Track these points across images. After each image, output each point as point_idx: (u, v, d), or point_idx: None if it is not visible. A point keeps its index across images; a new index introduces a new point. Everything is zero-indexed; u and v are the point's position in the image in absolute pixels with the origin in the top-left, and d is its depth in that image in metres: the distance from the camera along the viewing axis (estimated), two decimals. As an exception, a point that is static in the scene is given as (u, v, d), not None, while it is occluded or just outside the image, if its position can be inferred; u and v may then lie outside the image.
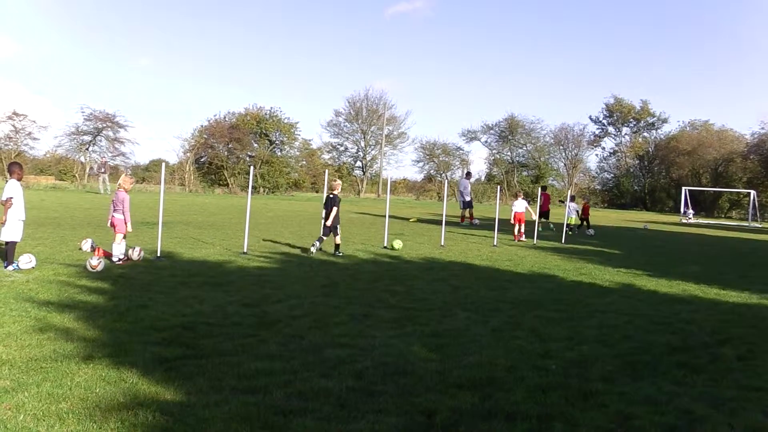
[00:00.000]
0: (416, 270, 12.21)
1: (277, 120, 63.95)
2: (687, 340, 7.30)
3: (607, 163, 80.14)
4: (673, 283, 11.77)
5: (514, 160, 76.12)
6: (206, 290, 8.96)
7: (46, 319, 6.77)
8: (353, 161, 72.91)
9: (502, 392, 5.10)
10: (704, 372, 5.98)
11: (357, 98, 71.06)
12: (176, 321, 6.99)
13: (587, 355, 6.42)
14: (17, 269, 9.71)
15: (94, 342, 5.98)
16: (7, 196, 9.94)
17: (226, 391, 4.82)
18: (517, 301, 9.27)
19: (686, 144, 70.03)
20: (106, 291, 8.53)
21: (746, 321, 8.62)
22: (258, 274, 10.72)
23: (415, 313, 8.09)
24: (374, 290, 9.64)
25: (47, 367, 5.15)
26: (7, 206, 9.95)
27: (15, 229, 10.03)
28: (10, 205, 9.94)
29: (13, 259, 9.83)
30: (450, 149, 75.37)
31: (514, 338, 7.00)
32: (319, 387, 5.00)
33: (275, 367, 5.50)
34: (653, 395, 5.21)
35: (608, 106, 77.70)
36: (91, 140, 55.44)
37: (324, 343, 6.38)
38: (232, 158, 60.53)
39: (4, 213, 10.01)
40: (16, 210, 10.04)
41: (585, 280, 11.82)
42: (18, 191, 10.11)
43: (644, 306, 9.42)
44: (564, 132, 76.63)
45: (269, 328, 6.93)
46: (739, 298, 10.52)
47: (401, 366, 5.69)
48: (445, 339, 6.83)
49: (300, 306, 8.17)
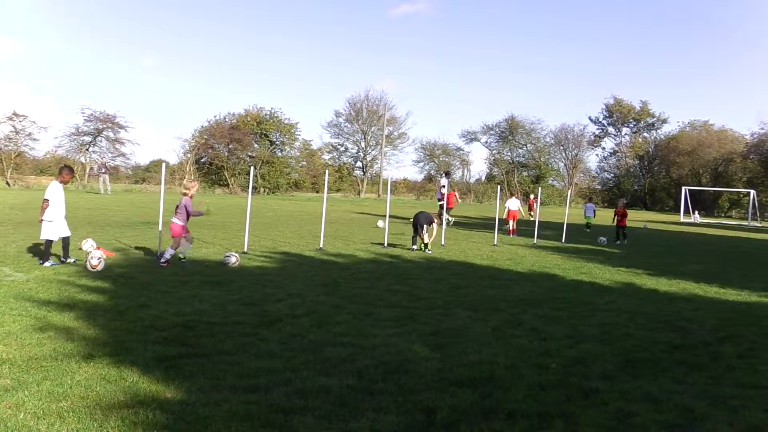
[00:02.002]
0: (417, 269, 12.21)
1: (277, 120, 63.93)
2: (687, 338, 7.30)
3: (608, 163, 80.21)
4: (674, 282, 11.77)
5: (515, 160, 76.12)
6: (206, 289, 8.96)
7: (46, 318, 6.77)
8: (353, 161, 72.90)
9: (502, 390, 5.10)
10: (705, 370, 5.97)
11: (357, 99, 71.05)
12: (176, 320, 6.99)
13: (588, 353, 6.42)
14: (54, 265, 10.24)
15: (94, 341, 5.98)
16: (45, 197, 10.62)
17: (227, 389, 4.82)
18: (518, 300, 9.27)
19: (686, 144, 70.06)
20: (106, 290, 8.53)
21: (746, 319, 8.61)
22: (258, 273, 10.72)
23: (415, 311, 8.09)
24: (375, 289, 9.64)
25: (47, 366, 5.15)
26: (44, 207, 10.57)
27: (47, 228, 10.59)
28: (47, 206, 10.53)
29: (48, 257, 10.42)
30: (450, 149, 75.44)
31: (515, 337, 7.00)
32: (319, 385, 5.00)
33: (276, 365, 5.49)
34: (654, 393, 5.20)
35: (608, 107, 77.75)
36: (92, 141, 55.42)
37: (324, 342, 6.38)
38: (232, 159, 60.53)
39: (41, 213, 10.53)
40: (52, 211, 10.58)
41: (585, 279, 11.82)
42: (56, 193, 10.72)
43: (645, 304, 9.42)
44: (564, 132, 76.72)
45: (270, 326, 6.93)
46: (739, 296, 10.52)
47: (401, 364, 5.69)
48: (446, 338, 6.82)
49: (300, 305, 8.17)
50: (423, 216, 15.47)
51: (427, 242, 15.28)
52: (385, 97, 71.77)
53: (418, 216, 15.48)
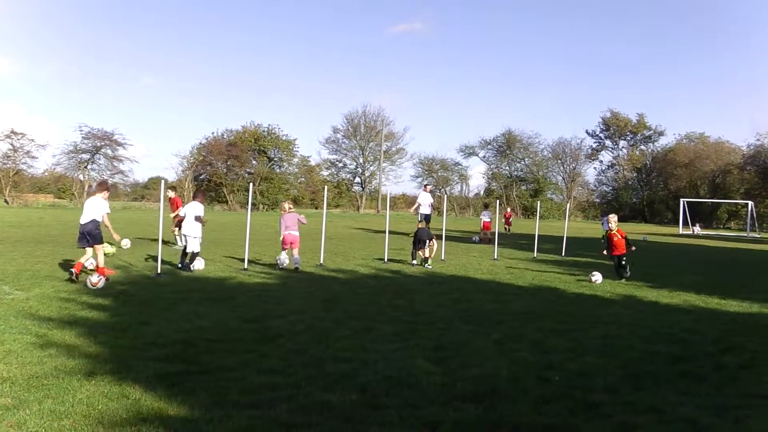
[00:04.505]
0: (417, 284, 12.20)
1: (275, 137, 64.18)
2: (689, 349, 7.29)
3: (606, 176, 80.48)
4: (674, 294, 11.76)
5: (513, 174, 76.32)
6: (207, 306, 8.94)
7: (47, 336, 6.75)
8: (352, 177, 73.07)
9: (505, 404, 5.08)
10: (707, 381, 5.96)
11: (355, 114, 71.42)
12: (178, 337, 6.97)
13: (590, 365, 6.40)
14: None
15: (95, 358, 5.96)
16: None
17: (229, 406, 4.80)
18: (519, 314, 9.26)
19: (683, 156, 70.35)
20: (106, 308, 8.51)
21: (748, 330, 8.60)
22: (259, 289, 10.70)
23: (417, 326, 8.07)
24: (375, 304, 9.63)
25: (48, 384, 5.13)
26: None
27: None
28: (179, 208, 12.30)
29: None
30: (448, 164, 75.61)
31: (517, 350, 6.98)
32: (322, 401, 4.98)
33: (278, 381, 5.48)
34: (657, 405, 5.19)
35: (605, 120, 78.19)
36: (90, 158, 55.56)
37: (326, 358, 6.36)
38: (230, 175, 60.66)
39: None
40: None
41: (586, 292, 11.80)
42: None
43: (646, 316, 9.40)
44: (561, 146, 77.12)
45: (271, 342, 6.91)
46: (740, 307, 10.51)
47: (404, 379, 5.67)
48: (448, 352, 6.81)
49: (301, 321, 8.16)
50: (424, 231, 15.51)
51: (428, 256, 15.29)
52: (382, 113, 72.10)
53: (419, 232, 15.52)
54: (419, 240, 15.38)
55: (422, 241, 15.29)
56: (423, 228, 15.89)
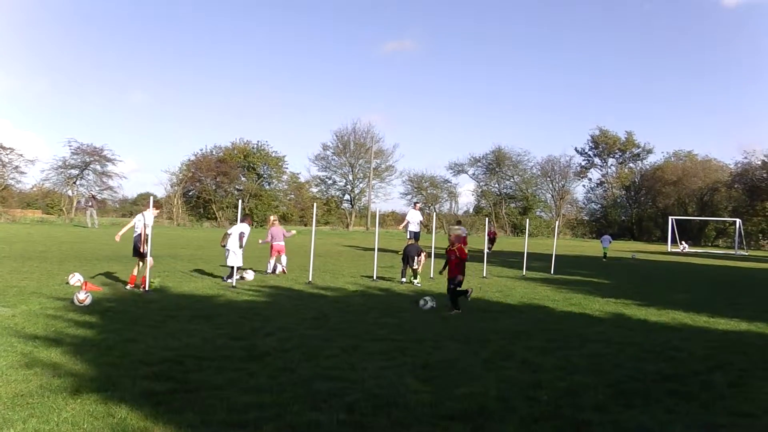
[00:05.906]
0: (406, 302, 12.17)
1: (264, 154, 64.13)
2: (678, 367, 7.30)
3: (594, 194, 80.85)
4: (663, 312, 11.80)
5: (502, 192, 76.54)
6: (195, 324, 8.88)
7: (33, 353, 6.67)
8: (341, 194, 72.97)
9: (494, 423, 5.07)
10: (696, 399, 5.97)
11: (344, 132, 71.35)
12: (165, 355, 6.92)
13: (579, 384, 6.40)
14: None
15: (81, 376, 5.90)
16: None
17: (216, 425, 4.76)
18: (508, 332, 9.25)
19: (671, 174, 70.87)
20: (93, 325, 8.44)
21: (736, 347, 8.64)
22: (247, 307, 10.65)
23: (405, 344, 8.04)
24: (364, 323, 9.60)
25: (34, 403, 5.07)
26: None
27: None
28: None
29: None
30: (437, 182, 75.66)
31: (505, 369, 6.97)
32: (310, 420, 4.95)
33: (265, 400, 5.43)
34: (646, 423, 5.19)
35: (594, 138, 78.62)
36: (79, 174, 55.29)
37: (314, 376, 6.32)
38: (219, 192, 60.51)
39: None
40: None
41: (575, 310, 11.82)
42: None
43: (635, 335, 9.42)
44: (550, 164, 77.38)
45: (259, 361, 6.86)
46: (728, 325, 10.56)
47: (392, 398, 5.64)
48: (436, 370, 6.79)
49: (289, 339, 8.11)
50: (413, 247, 15.54)
51: (417, 268, 15.33)
52: (372, 130, 72.00)
53: (408, 248, 15.55)
54: (408, 256, 15.41)
55: (411, 257, 15.32)
56: (412, 244, 15.93)
